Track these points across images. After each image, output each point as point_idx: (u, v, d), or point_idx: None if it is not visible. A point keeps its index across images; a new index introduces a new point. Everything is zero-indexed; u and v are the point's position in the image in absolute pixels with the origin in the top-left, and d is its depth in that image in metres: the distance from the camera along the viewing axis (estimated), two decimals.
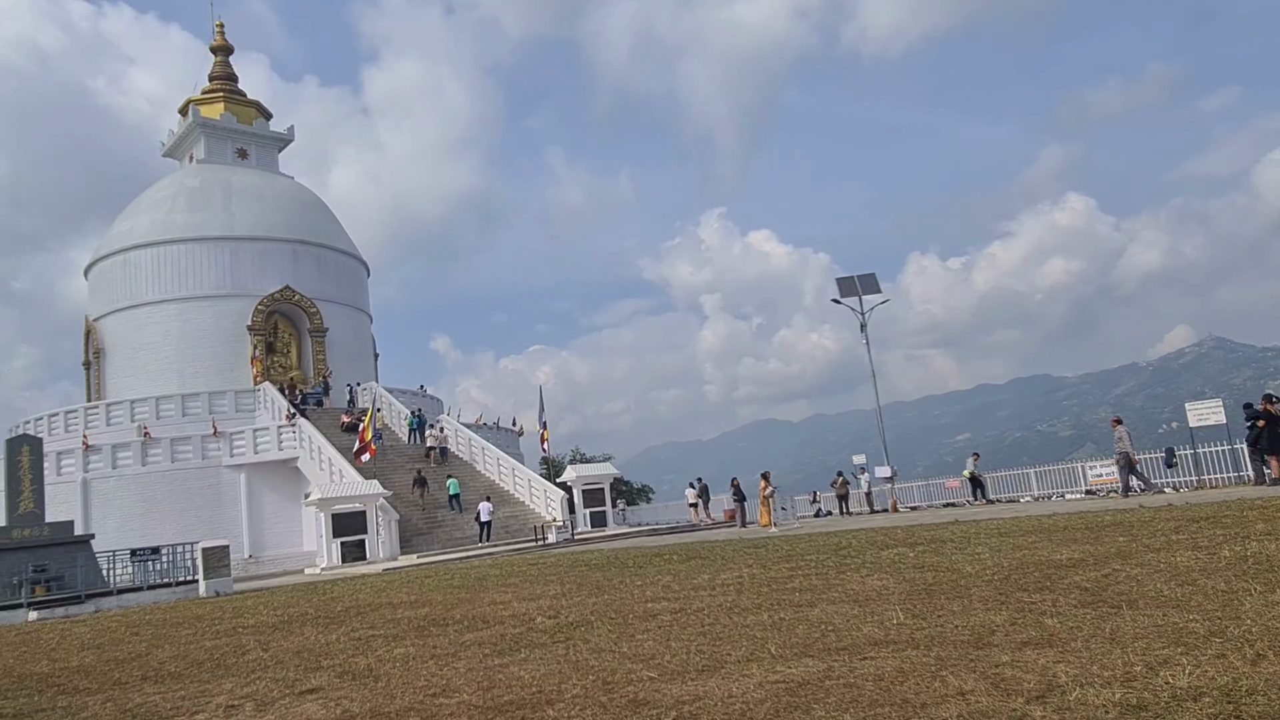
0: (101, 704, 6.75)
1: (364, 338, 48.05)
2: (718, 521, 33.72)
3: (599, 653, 6.58)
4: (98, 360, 43.18)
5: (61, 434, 36.96)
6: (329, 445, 32.85)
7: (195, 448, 34.49)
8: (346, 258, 47.44)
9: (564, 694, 5.29)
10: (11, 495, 22.68)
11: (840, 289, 34.13)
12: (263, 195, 45.07)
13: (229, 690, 6.73)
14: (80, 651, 10.81)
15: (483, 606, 10.80)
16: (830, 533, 18.57)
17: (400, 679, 6.39)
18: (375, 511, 28.91)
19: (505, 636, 7.97)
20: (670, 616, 8.12)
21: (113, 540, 27.93)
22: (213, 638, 10.68)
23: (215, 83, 50.05)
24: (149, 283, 41.89)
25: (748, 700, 4.64)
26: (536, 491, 33.75)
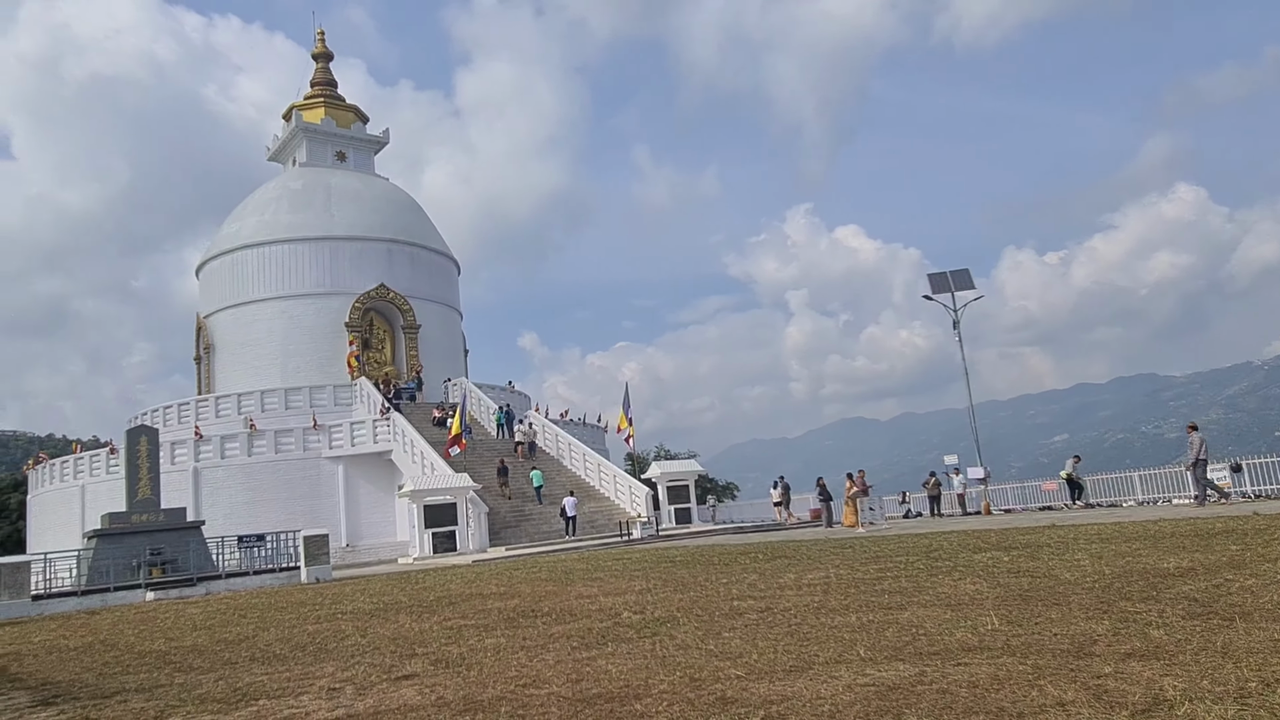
0: (214, 682, 7.13)
1: (455, 334, 49.20)
2: (803, 521, 33.37)
3: (685, 649, 6.62)
4: (208, 355, 45.41)
5: (175, 425, 38.97)
6: (421, 439, 33.77)
7: (297, 439, 35.91)
8: (439, 256, 48.66)
9: (651, 689, 5.34)
10: (131, 482, 24.07)
11: (932, 285, 33.29)
12: (360, 196, 46.59)
13: (330, 673, 7.02)
14: (193, 632, 11.42)
15: (570, 600, 10.96)
16: (920, 534, 18.18)
17: (492, 668, 6.55)
18: (465, 504, 29.58)
19: (592, 630, 8.08)
20: (756, 615, 8.10)
21: (221, 527, 29.32)
22: (314, 623, 11.13)
23: (316, 88, 51.95)
24: (255, 281, 43.82)
25: (837, 702, 4.60)
26: (621, 487, 33.99)
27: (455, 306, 49.84)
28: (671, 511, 34.91)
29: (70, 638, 12.30)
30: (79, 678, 8.16)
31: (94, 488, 36.16)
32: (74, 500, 36.62)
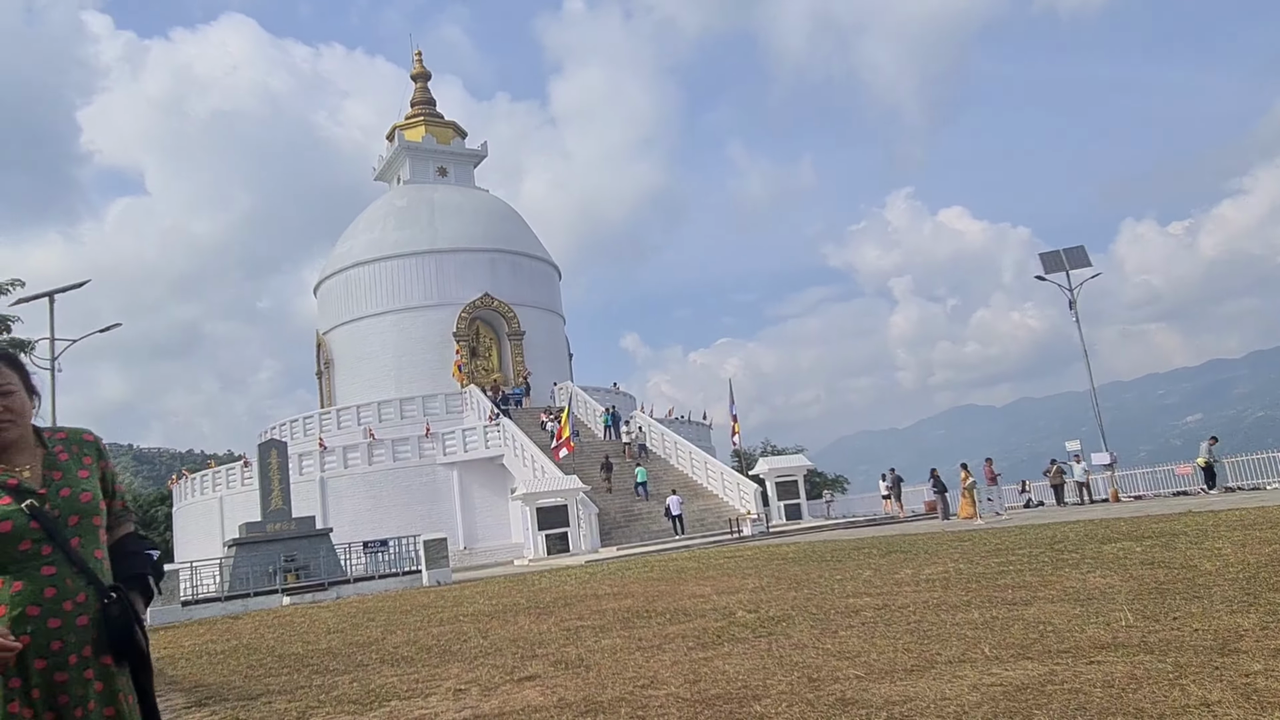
0: (349, 684, 7.48)
1: (559, 339, 50.03)
2: (916, 514, 32.52)
3: (802, 648, 6.57)
4: (328, 370, 47.58)
5: (301, 437, 40.96)
6: (530, 443, 34.50)
7: (413, 447, 37.24)
8: (540, 263, 49.60)
9: (770, 690, 5.33)
10: (264, 493, 25.45)
11: (1044, 264, 31.98)
12: (462, 209, 47.94)
13: (456, 675, 7.27)
14: (327, 635, 12.00)
15: (683, 599, 11.01)
16: (1043, 525, 17.47)
17: (610, 669, 6.66)
18: (576, 505, 30.07)
19: (707, 630, 8.10)
20: (873, 613, 7.97)
21: (346, 533, 30.67)
22: (438, 625, 11.52)
23: (416, 108, 53.71)
24: (367, 297, 45.67)
25: (962, 704, 4.50)
26: (729, 484, 33.89)
27: (558, 311, 50.68)
28: (781, 507, 34.60)
29: (217, 642, 13.11)
30: (227, 680, 8.70)
31: (231, 499, 38.39)
32: (214, 511, 38.97)
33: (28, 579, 2.33)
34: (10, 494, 2.38)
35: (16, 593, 2.34)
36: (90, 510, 2.48)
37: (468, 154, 52.80)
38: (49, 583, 2.36)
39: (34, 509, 2.36)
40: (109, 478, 2.64)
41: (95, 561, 2.46)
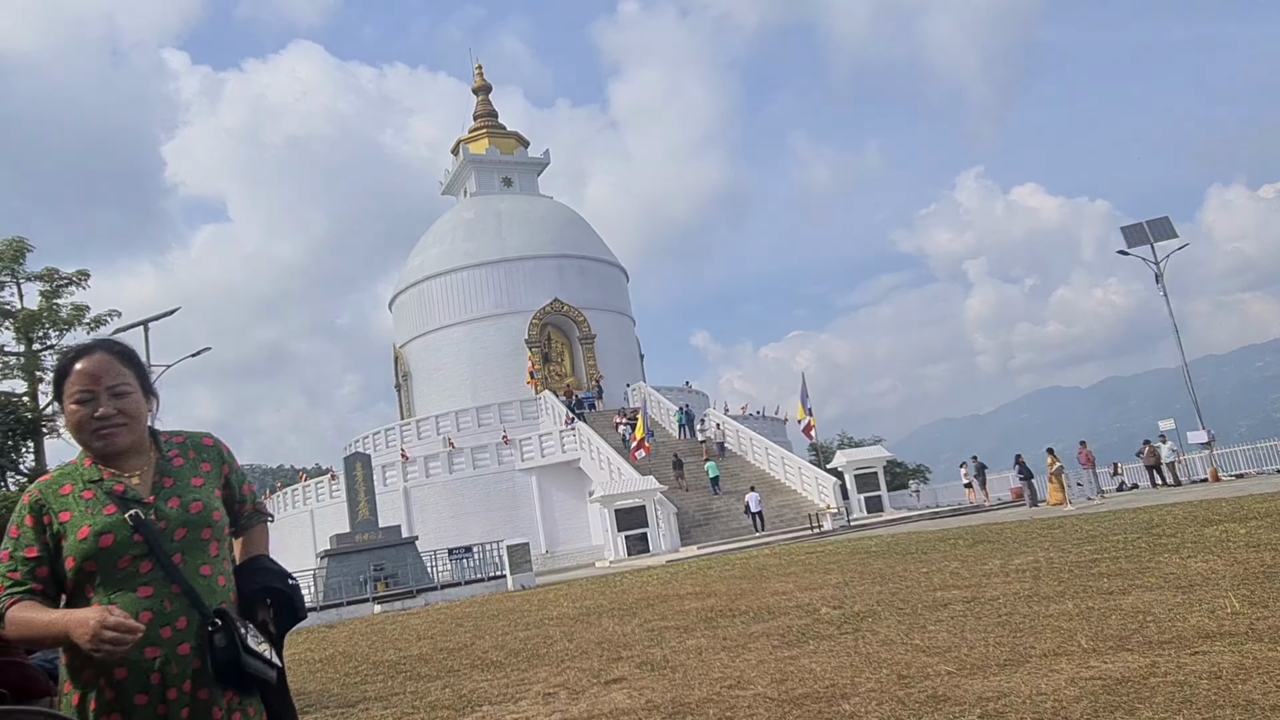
0: (441, 689, 7.66)
1: (629, 340, 50.24)
2: (1003, 502, 31.66)
3: (890, 645, 6.48)
4: (406, 382, 48.72)
5: (384, 448, 42.01)
6: (606, 445, 34.74)
7: (491, 454, 37.86)
8: (607, 266, 49.90)
9: (858, 688, 5.28)
10: (352, 504, 26.21)
11: (1126, 238, 30.82)
12: (528, 218, 48.55)
13: (544, 679, 7.37)
14: (417, 641, 12.29)
15: (766, 597, 10.95)
16: (1138, 509, 16.84)
17: (696, 670, 6.67)
18: (654, 505, 30.15)
19: (792, 628, 8.05)
20: (962, 606, 7.80)
21: (431, 541, 31.34)
22: (524, 629, 11.70)
23: (479, 120, 54.59)
24: (440, 309, 46.63)
25: (1060, 698, 4.38)
26: (808, 479, 33.54)
27: (627, 313, 50.90)
28: (861, 500, 34.10)
29: (314, 650, 13.55)
30: (326, 688, 8.99)
31: (321, 511, 39.63)
32: (305, 524, 40.28)
33: (121, 601, 2.08)
34: (115, 502, 2.16)
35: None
36: (199, 522, 2.23)
37: (531, 163, 53.45)
38: (145, 605, 2.08)
39: (138, 520, 2.13)
40: (235, 481, 2.44)
41: (201, 580, 2.19)
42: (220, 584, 2.25)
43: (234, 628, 2.13)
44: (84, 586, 2.12)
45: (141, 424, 2.29)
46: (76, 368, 2.23)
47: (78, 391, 2.22)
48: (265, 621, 2.29)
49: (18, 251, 28.15)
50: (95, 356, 2.25)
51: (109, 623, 1.89)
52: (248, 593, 2.29)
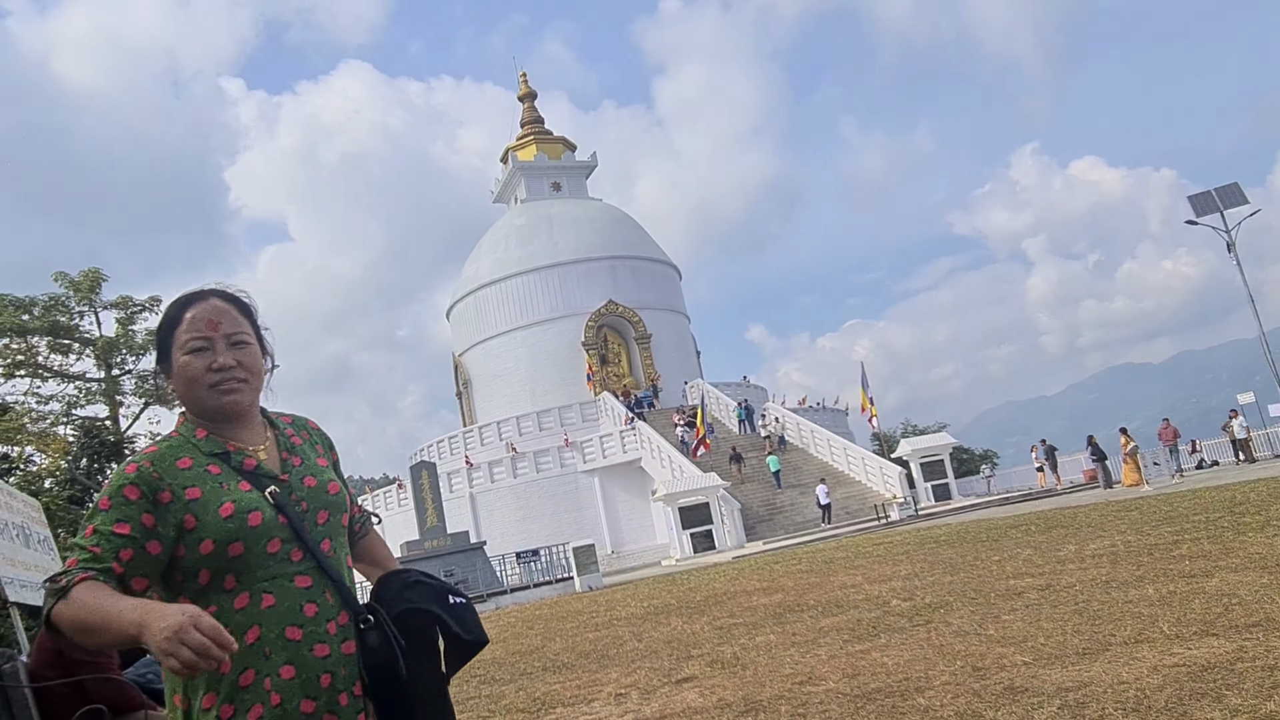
0: (515, 692, 7.77)
1: (685, 338, 50.23)
2: (1076, 484, 30.84)
3: (963, 636, 6.38)
4: (466, 390, 49.44)
5: (448, 456, 42.71)
6: (666, 444, 34.80)
7: (553, 458, 38.21)
8: (659, 265, 49.96)
9: (932, 681, 5.21)
10: (420, 512, 26.71)
11: (1194, 207, 29.80)
12: (578, 221, 48.86)
13: (615, 679, 7.43)
14: (489, 645, 12.45)
15: (834, 590, 10.86)
16: (1219, 487, 16.26)
17: (766, 667, 6.65)
18: (717, 502, 30.10)
19: (862, 621, 7.97)
20: (1037, 594, 7.64)
21: (498, 545, 31.75)
22: (593, 630, 11.79)
23: (526, 128, 55.13)
24: (496, 316, 47.22)
25: (1142, 687, 4.26)
26: (872, 469, 33.15)
27: (682, 311, 50.89)
28: (928, 489, 33.57)
29: None
30: None
31: (391, 520, 40.41)
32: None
33: (279, 591, 1.75)
34: (247, 478, 1.82)
35: (269, 609, 1.74)
36: (340, 506, 1.92)
37: (579, 166, 53.80)
38: (307, 597, 1.76)
39: (277, 499, 1.80)
40: (340, 474, 2.05)
41: (348, 573, 1.91)
42: (356, 580, 1.97)
43: (388, 626, 1.82)
44: (224, 575, 1.74)
45: (260, 384, 1.95)
46: (188, 315, 1.88)
47: (191, 339, 1.87)
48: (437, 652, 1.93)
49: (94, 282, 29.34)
50: (210, 302, 1.91)
51: (202, 625, 1.48)
52: (400, 611, 1.87)
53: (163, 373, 1.95)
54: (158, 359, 1.98)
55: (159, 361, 1.97)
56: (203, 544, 1.73)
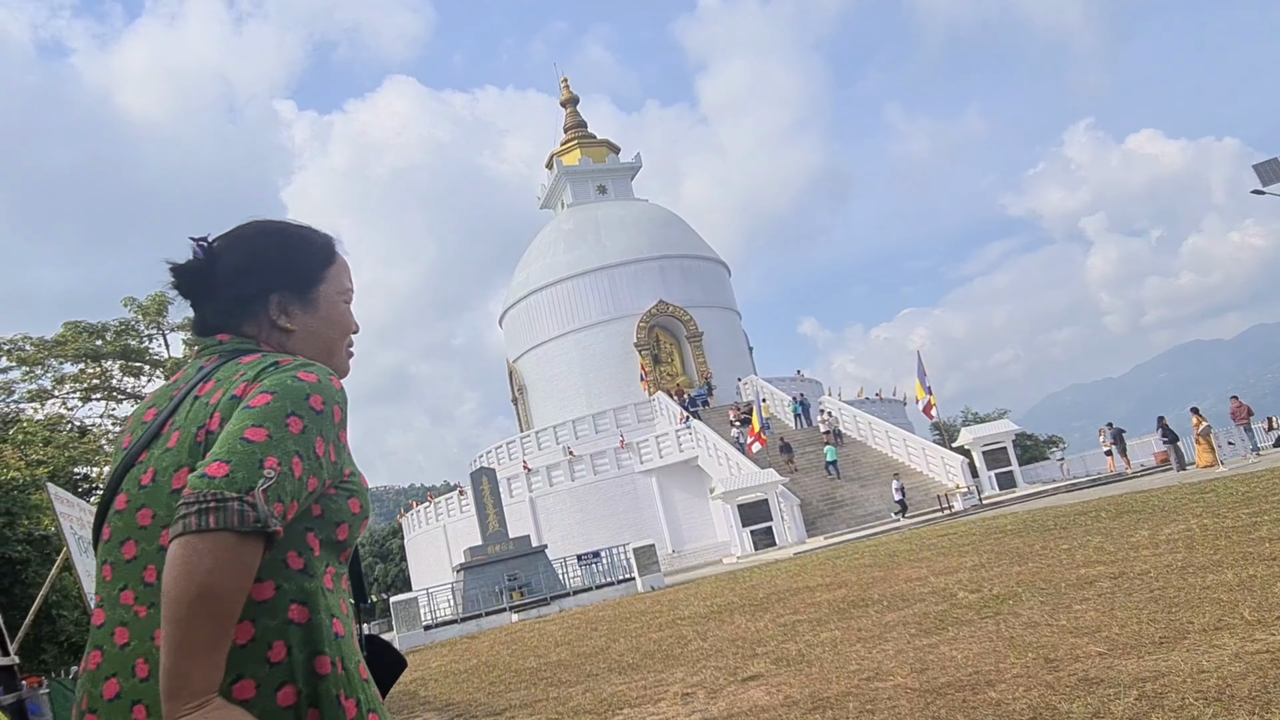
0: (582, 694, 7.84)
1: (736, 335, 50.03)
2: (1146, 468, 29.95)
3: (1034, 627, 6.26)
4: (521, 395, 49.92)
5: (506, 461, 43.18)
6: (723, 441, 34.69)
7: (610, 460, 38.36)
8: (708, 263, 49.87)
9: (1004, 674, 5.13)
10: (481, 518, 27.04)
11: (1261, 176, 28.72)
12: (625, 223, 49.01)
13: (680, 679, 7.45)
14: (555, 648, 12.59)
15: (899, 584, 10.73)
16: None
17: (832, 663, 6.61)
18: (776, 498, 29.91)
19: (928, 614, 7.87)
20: (1109, 582, 7.45)
21: (559, 548, 32.00)
22: (657, 630, 11.82)
23: (569, 132, 55.49)
24: (548, 321, 47.60)
25: (1224, 675, 4.14)
26: (933, 459, 32.63)
27: (733, 308, 50.72)
28: (992, 477, 32.94)
29: (459, 661, 14.06)
30: (472, 698, 9.32)
31: (453, 526, 41.03)
32: (439, 539, 41.80)
33: (345, 596, 1.57)
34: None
35: (344, 593, 1.56)
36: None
37: (623, 168, 53.97)
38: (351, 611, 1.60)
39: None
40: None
41: None
42: None
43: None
44: (333, 559, 1.53)
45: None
46: (341, 260, 1.77)
47: (349, 291, 1.76)
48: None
49: (160, 306, 30.31)
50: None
51: None
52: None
53: (295, 299, 1.67)
54: (293, 281, 1.68)
55: (293, 285, 1.68)
56: (338, 528, 1.52)
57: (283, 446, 1.37)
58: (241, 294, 1.65)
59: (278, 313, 1.66)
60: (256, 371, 1.51)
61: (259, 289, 1.66)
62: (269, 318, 1.66)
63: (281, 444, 1.38)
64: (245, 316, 1.66)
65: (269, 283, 1.66)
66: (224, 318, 1.67)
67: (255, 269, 1.66)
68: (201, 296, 1.67)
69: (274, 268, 1.67)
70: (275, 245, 1.69)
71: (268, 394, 1.43)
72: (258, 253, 1.67)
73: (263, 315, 1.66)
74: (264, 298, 1.66)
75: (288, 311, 1.67)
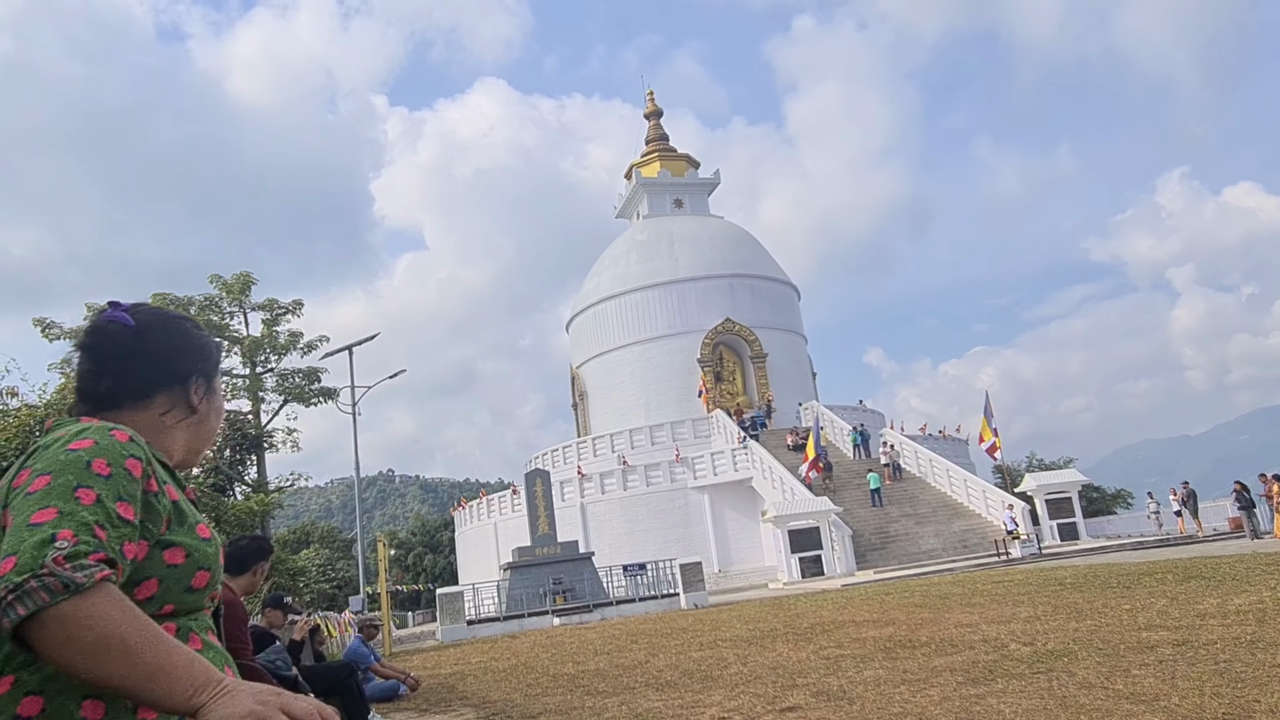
0: (617, 707, 7.84)
1: (801, 359, 49.62)
2: (1220, 533, 28.73)
3: (1088, 688, 6.06)
4: (582, 401, 50.27)
5: (561, 465, 43.51)
6: (779, 465, 34.38)
7: (664, 472, 38.35)
8: (778, 285, 49.61)
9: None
10: (532, 519, 27.28)
11: None
12: (699, 238, 49.09)
13: (718, 702, 7.39)
14: (594, 656, 12.61)
15: (949, 628, 10.48)
16: None
17: (874, 703, 6.49)
18: (828, 527, 29.51)
19: (977, 663, 7.67)
20: (1171, 649, 7.17)
21: (606, 556, 32.06)
22: (698, 649, 11.76)
23: (651, 145, 55.88)
24: (614, 330, 47.89)
25: None
26: (993, 502, 31.82)
27: (799, 331, 50.33)
28: (1054, 527, 31.97)
29: (499, 660, 14.18)
30: (509, 698, 9.40)
31: (503, 524, 41.45)
32: (489, 536, 42.26)
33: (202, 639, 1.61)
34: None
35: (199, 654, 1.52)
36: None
37: (701, 184, 54.11)
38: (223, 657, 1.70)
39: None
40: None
41: None
42: None
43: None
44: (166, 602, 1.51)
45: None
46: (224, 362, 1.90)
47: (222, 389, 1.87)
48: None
49: (244, 285, 31.37)
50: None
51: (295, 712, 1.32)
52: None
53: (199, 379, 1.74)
54: (207, 368, 1.77)
55: (206, 372, 1.76)
56: (169, 552, 1.51)
57: (76, 518, 1.35)
58: (176, 372, 1.69)
59: (194, 394, 1.72)
60: (28, 455, 1.49)
61: (190, 369, 1.72)
62: (187, 399, 1.71)
63: (74, 517, 1.35)
64: (156, 394, 1.68)
65: (193, 365, 1.73)
66: (128, 393, 1.66)
67: (189, 350, 1.72)
68: (111, 365, 1.66)
69: (198, 351, 1.75)
70: (195, 330, 1.77)
71: (44, 476, 1.40)
72: (188, 335, 1.74)
73: (180, 396, 1.70)
74: (187, 377, 1.72)
75: (198, 394, 1.73)
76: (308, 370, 31.57)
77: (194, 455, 1.75)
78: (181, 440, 1.71)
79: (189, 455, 1.74)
